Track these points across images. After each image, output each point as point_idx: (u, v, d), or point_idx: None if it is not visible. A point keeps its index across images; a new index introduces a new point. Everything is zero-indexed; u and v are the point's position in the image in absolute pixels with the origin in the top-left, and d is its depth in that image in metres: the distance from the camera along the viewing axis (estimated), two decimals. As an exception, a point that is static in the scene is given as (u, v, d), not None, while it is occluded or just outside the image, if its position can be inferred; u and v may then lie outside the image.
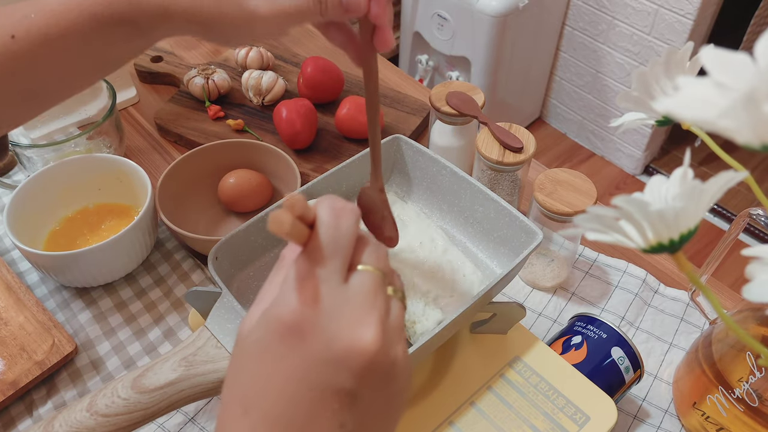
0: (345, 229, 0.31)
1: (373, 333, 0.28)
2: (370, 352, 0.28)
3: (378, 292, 0.30)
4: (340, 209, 0.31)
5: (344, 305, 0.29)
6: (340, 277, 0.30)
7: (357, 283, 0.30)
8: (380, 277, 0.31)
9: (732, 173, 0.24)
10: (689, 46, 0.35)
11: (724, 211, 1.88)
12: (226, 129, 0.81)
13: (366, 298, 0.29)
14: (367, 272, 0.30)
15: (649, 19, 1.69)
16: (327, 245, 0.30)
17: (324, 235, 0.30)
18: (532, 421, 0.48)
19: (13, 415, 0.56)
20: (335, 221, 0.30)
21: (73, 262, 0.59)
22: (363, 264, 0.31)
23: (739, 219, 0.53)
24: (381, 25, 0.40)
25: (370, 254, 0.31)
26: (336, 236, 0.30)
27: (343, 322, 0.28)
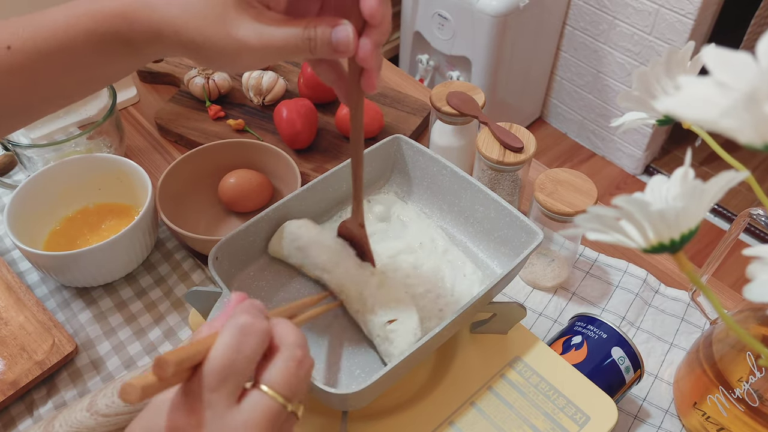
0: (246, 350, 0.31)
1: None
2: None
3: (269, 418, 0.30)
4: (246, 331, 0.31)
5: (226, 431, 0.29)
6: (230, 401, 0.30)
7: (247, 409, 0.30)
8: (275, 403, 0.31)
9: (733, 173, 0.24)
10: (690, 46, 0.35)
11: (724, 211, 1.88)
12: (226, 129, 0.80)
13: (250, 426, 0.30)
14: (263, 396, 0.30)
15: (649, 19, 1.69)
16: (221, 370, 0.30)
17: (219, 359, 0.30)
18: (532, 421, 0.48)
19: (13, 415, 0.56)
20: (235, 344, 0.31)
21: (73, 262, 0.59)
22: (266, 383, 0.31)
23: (739, 219, 0.53)
24: (368, 68, 0.41)
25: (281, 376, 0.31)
26: (232, 359, 0.30)
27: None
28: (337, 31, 0.38)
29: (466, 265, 0.53)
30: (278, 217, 0.53)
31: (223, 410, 0.30)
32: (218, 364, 0.30)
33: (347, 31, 0.38)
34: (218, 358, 0.30)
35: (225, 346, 0.31)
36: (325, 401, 0.43)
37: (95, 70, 0.43)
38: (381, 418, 0.48)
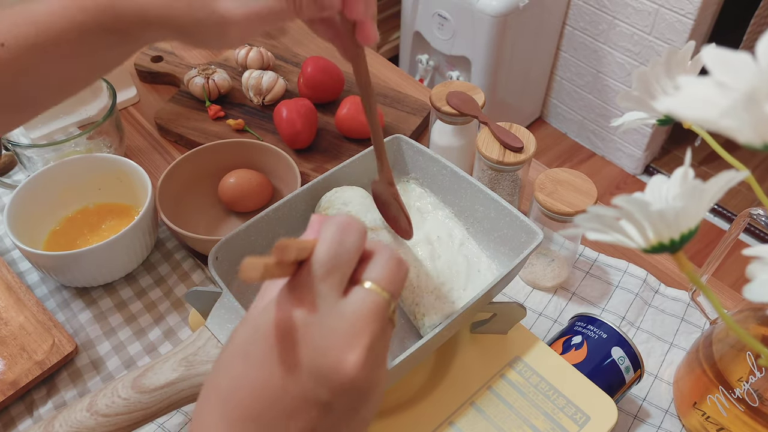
0: (348, 244, 0.31)
1: (358, 358, 0.29)
2: (352, 375, 0.29)
3: (376, 314, 0.30)
4: (346, 225, 0.31)
5: (337, 323, 0.29)
6: (337, 292, 0.30)
7: (356, 300, 0.30)
8: (383, 300, 0.30)
9: (733, 173, 0.24)
10: (690, 46, 0.35)
11: (724, 211, 1.88)
12: (226, 129, 0.80)
13: (361, 319, 0.29)
14: (369, 292, 0.30)
15: (649, 19, 1.69)
16: (328, 260, 0.30)
17: (325, 251, 0.30)
18: (532, 421, 0.48)
19: (13, 415, 0.56)
20: (339, 237, 0.31)
21: (73, 262, 0.59)
22: (370, 281, 0.31)
23: (739, 219, 0.53)
24: (359, 19, 0.41)
25: (384, 273, 0.31)
26: (338, 251, 0.30)
27: (332, 340, 0.29)
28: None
29: (482, 261, 0.53)
30: (278, 217, 0.53)
31: (333, 301, 0.30)
32: (325, 254, 0.30)
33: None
34: (325, 249, 0.30)
35: (329, 239, 0.31)
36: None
37: (89, 60, 0.43)
38: (381, 418, 0.48)
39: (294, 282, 0.30)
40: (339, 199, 0.53)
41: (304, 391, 0.29)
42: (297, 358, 0.29)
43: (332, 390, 0.29)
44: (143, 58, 0.91)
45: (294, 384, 0.29)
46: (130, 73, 0.90)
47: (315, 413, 0.29)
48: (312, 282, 0.30)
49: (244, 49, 0.87)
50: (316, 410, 0.29)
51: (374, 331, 0.30)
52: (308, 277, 0.30)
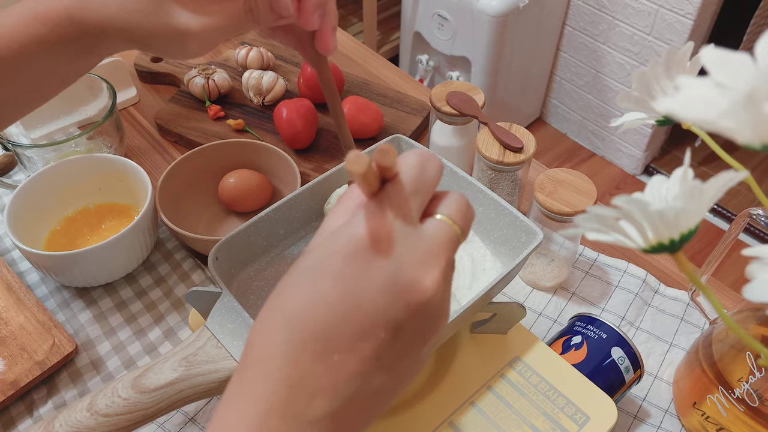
0: (429, 172, 0.31)
1: (436, 276, 0.29)
2: (429, 293, 0.28)
3: (450, 242, 0.30)
4: (428, 155, 0.31)
5: (416, 243, 0.29)
6: (416, 216, 0.30)
7: (432, 227, 0.30)
8: (456, 232, 0.30)
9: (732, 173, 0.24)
10: (689, 46, 0.35)
11: (724, 211, 1.88)
12: (226, 129, 0.81)
13: (437, 244, 0.29)
14: (444, 222, 0.30)
15: (649, 19, 1.69)
16: (410, 183, 0.30)
17: (408, 174, 0.30)
18: (532, 421, 0.48)
19: (13, 415, 0.56)
20: (421, 163, 0.31)
21: (73, 262, 0.59)
22: (444, 214, 0.31)
23: (739, 219, 0.53)
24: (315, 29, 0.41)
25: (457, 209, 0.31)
26: (420, 177, 0.30)
27: (412, 257, 0.29)
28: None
29: (486, 259, 0.53)
30: (278, 217, 0.53)
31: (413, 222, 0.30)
32: (411, 176, 0.30)
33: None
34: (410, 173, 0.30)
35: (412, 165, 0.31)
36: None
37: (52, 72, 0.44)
38: (381, 418, 0.48)
39: (380, 197, 0.30)
40: None
41: (379, 308, 0.28)
42: (376, 272, 0.28)
43: (407, 308, 0.28)
44: (143, 58, 0.91)
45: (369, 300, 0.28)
46: (130, 73, 0.90)
47: (384, 335, 0.28)
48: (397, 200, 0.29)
49: (244, 49, 0.87)
50: (386, 332, 0.28)
51: (448, 258, 0.30)
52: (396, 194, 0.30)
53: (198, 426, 0.56)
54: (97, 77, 0.73)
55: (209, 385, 0.45)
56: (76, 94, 0.75)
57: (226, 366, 0.45)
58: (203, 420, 0.56)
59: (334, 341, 0.28)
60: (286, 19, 0.40)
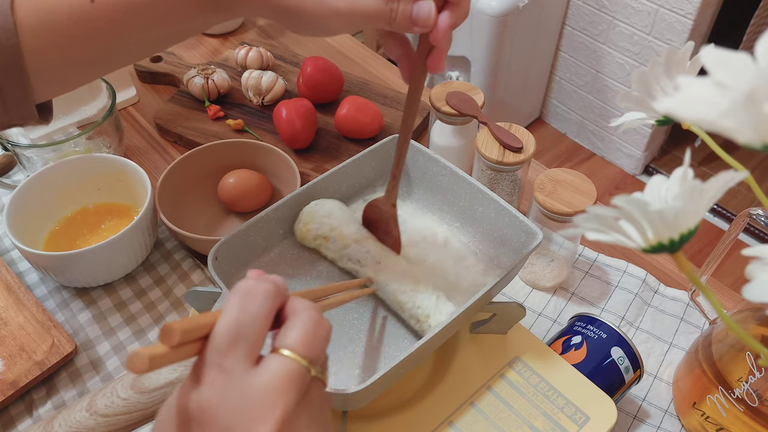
0: (253, 310, 0.30)
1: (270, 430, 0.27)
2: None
3: (290, 384, 0.28)
4: (249, 290, 0.30)
5: (247, 397, 0.28)
6: (246, 364, 0.29)
7: (268, 371, 0.28)
8: (299, 367, 0.29)
9: (732, 173, 0.24)
10: (689, 46, 0.35)
11: (724, 211, 1.88)
12: (225, 129, 0.80)
13: (273, 389, 0.28)
14: (284, 360, 0.29)
15: (649, 19, 1.69)
16: (228, 332, 0.29)
17: (225, 322, 0.29)
18: (531, 421, 0.48)
19: (12, 415, 0.56)
20: (240, 304, 0.30)
21: (72, 262, 0.59)
22: (284, 346, 0.29)
23: (739, 219, 0.53)
24: (439, 47, 0.42)
25: (300, 337, 0.30)
26: (239, 320, 0.29)
27: (242, 416, 0.27)
28: (419, 6, 0.39)
29: (468, 258, 0.53)
30: (278, 217, 0.53)
31: (240, 374, 0.28)
32: (225, 325, 0.29)
33: (429, 7, 0.39)
34: (224, 320, 0.29)
35: (230, 308, 0.29)
36: (325, 401, 0.43)
37: (178, 25, 0.43)
38: (381, 418, 0.48)
39: (197, 361, 0.29)
40: (320, 212, 0.52)
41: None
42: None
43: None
44: (143, 58, 0.91)
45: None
46: (129, 73, 0.90)
47: None
48: (214, 358, 0.28)
49: (243, 49, 0.87)
50: None
51: (288, 403, 0.28)
52: (210, 353, 0.29)
53: (197, 426, 0.55)
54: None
55: (209, 386, 0.44)
56: (75, 94, 0.75)
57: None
58: (203, 420, 0.56)
59: None
60: (419, 30, 0.40)
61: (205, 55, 0.96)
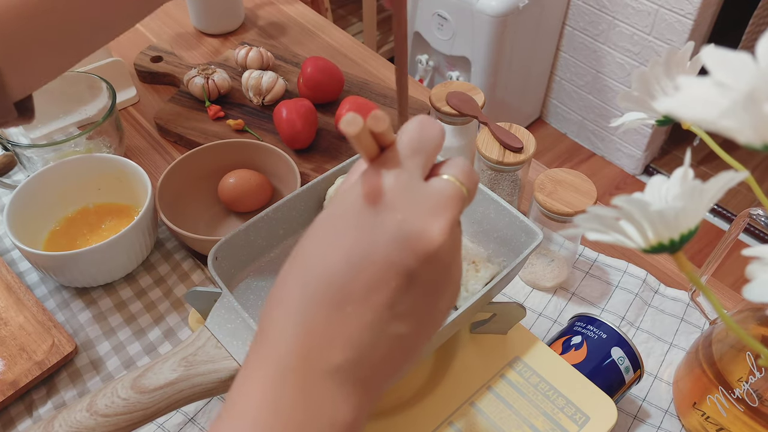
0: (430, 133, 0.32)
1: (443, 226, 0.29)
2: (437, 242, 0.29)
3: (457, 199, 0.30)
4: (426, 120, 0.32)
5: (422, 196, 0.30)
6: (421, 173, 0.31)
7: (438, 185, 0.30)
8: (461, 189, 0.31)
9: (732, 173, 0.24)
10: (689, 46, 0.35)
11: (724, 211, 1.88)
12: (226, 129, 0.80)
13: (443, 199, 0.30)
14: (450, 181, 0.31)
15: (649, 19, 1.69)
16: (411, 142, 0.31)
17: (409, 135, 0.31)
18: (532, 421, 0.48)
19: (12, 415, 0.56)
20: (421, 126, 0.32)
21: (73, 262, 0.59)
22: (447, 174, 0.31)
23: (739, 219, 0.53)
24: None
25: (461, 170, 0.32)
26: (421, 137, 0.31)
27: (418, 209, 0.29)
28: None
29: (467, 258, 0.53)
30: (278, 217, 0.53)
31: (418, 178, 0.30)
32: (408, 136, 0.31)
33: None
34: (409, 133, 0.31)
35: (411, 128, 0.31)
36: (325, 401, 0.43)
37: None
38: (381, 418, 0.48)
39: (380, 159, 0.31)
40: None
41: (389, 257, 0.28)
42: (383, 223, 0.29)
43: (417, 256, 0.28)
44: (143, 58, 0.91)
45: (379, 250, 0.28)
46: (129, 73, 0.90)
47: (396, 283, 0.28)
48: (399, 157, 0.30)
49: (243, 49, 0.87)
50: (398, 280, 0.28)
51: (454, 213, 0.30)
52: (394, 154, 0.31)
53: (198, 426, 0.56)
54: (96, 77, 0.73)
55: (209, 385, 0.45)
56: (75, 94, 0.75)
57: (225, 366, 0.44)
58: (203, 420, 0.56)
59: (348, 290, 0.28)
60: None
61: (206, 55, 0.96)
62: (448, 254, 0.30)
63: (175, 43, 0.97)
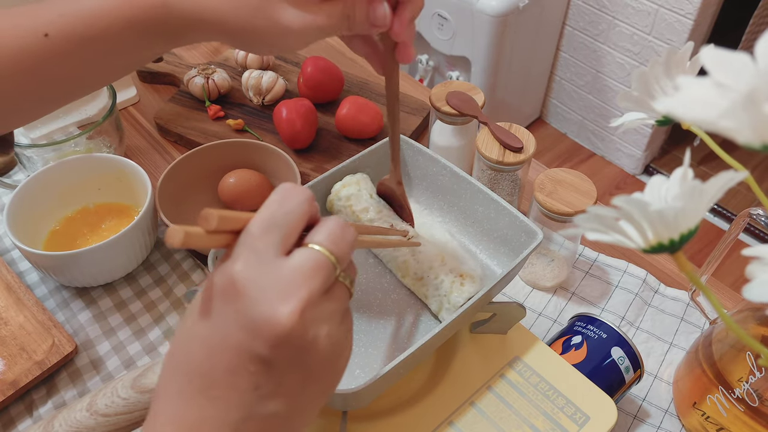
0: (290, 205, 0.31)
1: (291, 309, 0.29)
2: (285, 327, 0.29)
3: (318, 270, 0.30)
4: (288, 190, 0.32)
5: (275, 277, 0.29)
6: (276, 250, 0.30)
7: (297, 258, 0.30)
8: (325, 257, 0.31)
9: (732, 173, 0.24)
10: (689, 46, 0.35)
11: (724, 211, 1.88)
12: (226, 129, 0.80)
13: (300, 274, 0.30)
14: (312, 250, 0.31)
15: (649, 19, 1.69)
16: (263, 222, 0.31)
17: (260, 214, 0.31)
18: (532, 421, 0.48)
19: (12, 415, 0.56)
20: (279, 198, 0.32)
21: (73, 262, 0.59)
22: (313, 242, 0.31)
23: (739, 219, 0.53)
24: (402, 41, 0.43)
25: (327, 236, 0.32)
26: (274, 214, 0.31)
27: (268, 292, 0.29)
28: (374, 8, 0.40)
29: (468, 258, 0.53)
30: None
31: (271, 257, 0.30)
32: (262, 215, 0.31)
33: (384, 9, 0.40)
34: (263, 212, 0.31)
35: (269, 203, 0.32)
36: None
37: (133, 55, 0.44)
38: (381, 418, 0.48)
39: (234, 244, 0.31)
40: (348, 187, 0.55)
41: (241, 345, 0.29)
42: (235, 311, 0.29)
43: (267, 342, 0.29)
44: (143, 58, 0.91)
45: (232, 338, 0.29)
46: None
47: (254, 368, 0.29)
48: (248, 240, 0.30)
49: (243, 49, 0.87)
50: (255, 365, 0.29)
51: (314, 288, 0.30)
52: (245, 236, 0.31)
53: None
54: (96, 77, 0.73)
55: (209, 385, 0.44)
56: (75, 94, 0.75)
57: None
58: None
59: (211, 377, 0.30)
60: (377, 30, 0.41)
61: (206, 54, 0.96)
62: (302, 336, 0.30)
63: (175, 43, 0.97)
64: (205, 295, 0.31)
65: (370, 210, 0.53)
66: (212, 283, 0.31)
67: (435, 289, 0.49)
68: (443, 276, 0.49)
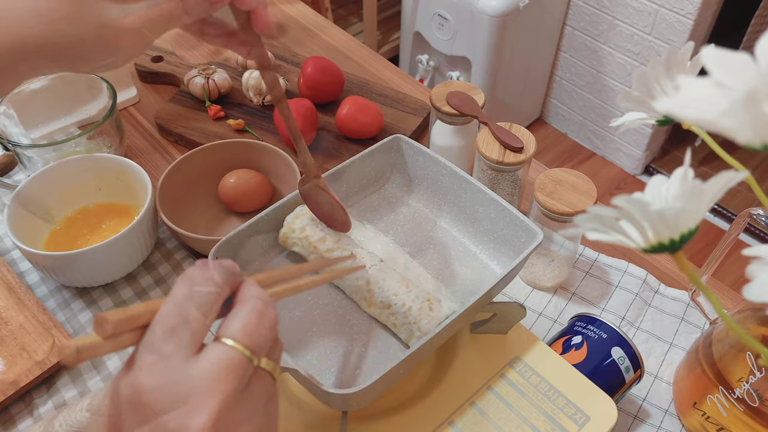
0: (197, 298, 0.29)
1: (205, 420, 0.26)
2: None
3: (231, 371, 0.28)
4: (197, 276, 0.30)
5: (183, 385, 0.27)
6: (186, 353, 0.28)
7: (208, 359, 0.28)
8: (239, 354, 0.28)
9: (732, 173, 0.24)
10: (690, 46, 0.35)
11: (724, 211, 1.88)
12: (226, 129, 0.81)
13: (211, 379, 0.27)
14: (224, 348, 0.28)
15: (649, 19, 1.69)
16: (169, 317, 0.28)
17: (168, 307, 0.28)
18: (532, 421, 0.48)
19: (13, 414, 0.56)
20: (186, 291, 0.29)
21: (73, 262, 0.59)
22: (227, 335, 0.29)
23: (739, 219, 0.53)
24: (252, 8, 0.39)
25: (242, 327, 0.29)
26: (182, 307, 0.28)
27: (178, 401, 0.27)
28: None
29: (468, 258, 0.53)
30: (278, 217, 0.53)
31: (179, 362, 0.27)
32: (167, 312, 0.28)
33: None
34: (167, 307, 0.28)
35: (172, 296, 0.29)
36: (325, 401, 0.43)
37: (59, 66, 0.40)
38: (381, 418, 0.48)
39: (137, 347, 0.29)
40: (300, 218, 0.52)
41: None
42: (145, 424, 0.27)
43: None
44: (143, 57, 0.91)
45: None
46: (130, 73, 0.90)
47: None
48: (154, 343, 0.28)
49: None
50: None
51: (226, 392, 0.27)
52: (149, 337, 0.28)
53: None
54: (97, 77, 0.73)
55: (209, 385, 0.44)
56: (76, 94, 0.75)
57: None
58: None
59: None
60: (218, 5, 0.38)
61: (206, 55, 0.96)
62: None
63: (176, 42, 0.97)
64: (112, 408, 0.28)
65: (327, 240, 0.51)
66: (118, 393, 0.28)
67: (404, 317, 0.47)
68: (410, 303, 0.47)
